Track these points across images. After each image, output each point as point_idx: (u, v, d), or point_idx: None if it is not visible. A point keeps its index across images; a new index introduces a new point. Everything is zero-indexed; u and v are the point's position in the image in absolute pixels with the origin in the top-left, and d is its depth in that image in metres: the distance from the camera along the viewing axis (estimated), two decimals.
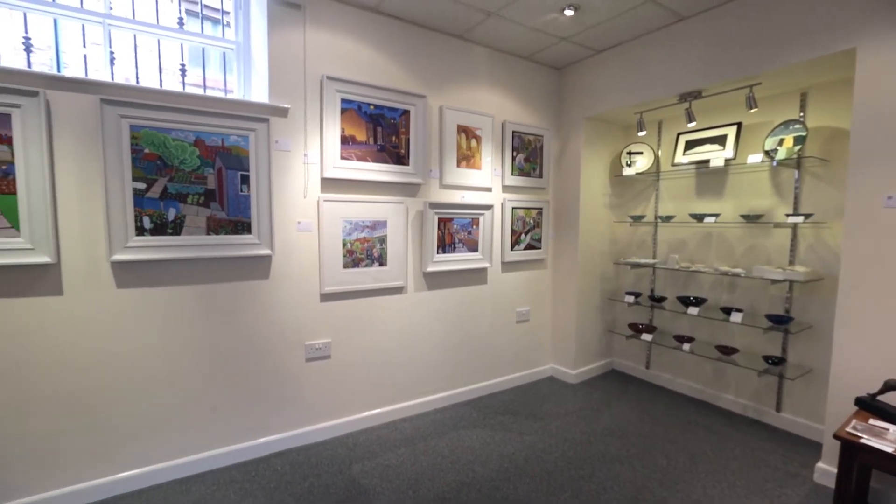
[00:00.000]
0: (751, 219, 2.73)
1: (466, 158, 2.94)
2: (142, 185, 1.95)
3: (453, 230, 2.89)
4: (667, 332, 3.33)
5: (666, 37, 2.73)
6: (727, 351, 2.83)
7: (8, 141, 1.72)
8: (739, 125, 2.82)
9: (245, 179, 2.17)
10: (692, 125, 2.86)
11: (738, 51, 2.40)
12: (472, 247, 3.00)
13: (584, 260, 3.40)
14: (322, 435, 2.52)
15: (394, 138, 2.61)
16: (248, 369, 2.30)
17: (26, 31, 2.01)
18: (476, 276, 3.09)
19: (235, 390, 2.27)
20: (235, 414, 2.28)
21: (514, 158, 3.18)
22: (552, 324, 3.59)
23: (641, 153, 3.38)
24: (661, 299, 3.24)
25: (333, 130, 2.40)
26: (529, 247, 3.34)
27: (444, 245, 2.87)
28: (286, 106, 2.28)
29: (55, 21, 2.07)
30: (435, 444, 2.49)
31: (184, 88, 2.32)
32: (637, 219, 3.36)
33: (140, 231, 1.96)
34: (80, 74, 2.09)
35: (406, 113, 2.64)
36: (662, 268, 3.24)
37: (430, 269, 2.81)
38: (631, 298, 3.34)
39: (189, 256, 2.06)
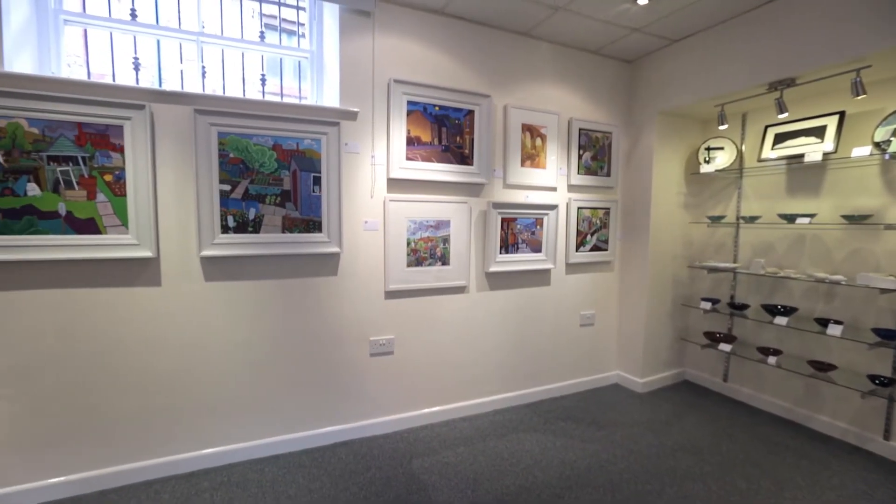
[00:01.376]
0: (855, 220, 2.42)
1: (531, 158, 2.88)
2: (227, 187, 2.12)
3: (517, 230, 2.85)
4: (748, 343, 3.05)
5: (753, 20, 2.50)
6: (823, 367, 2.54)
7: (120, 149, 1.94)
8: (842, 115, 2.52)
9: (317, 181, 2.29)
10: (783, 116, 2.60)
11: (841, 30, 2.14)
12: (536, 247, 2.94)
13: (654, 263, 3.21)
14: (384, 428, 2.60)
15: (458, 138, 2.63)
16: (317, 361, 2.42)
17: (135, 52, 2.26)
18: (539, 278, 3.03)
19: (305, 380, 2.41)
20: (305, 403, 2.41)
21: (580, 157, 3.08)
22: (618, 329, 3.43)
23: (722, 148, 3.13)
24: (743, 307, 2.98)
25: (399, 132, 2.46)
26: (595, 248, 3.21)
27: (507, 245, 2.84)
28: (355, 109, 2.37)
29: (158, 41, 2.31)
30: (494, 446, 2.48)
31: (263, 97, 2.49)
32: (716, 219, 3.12)
33: (225, 229, 2.14)
34: (177, 88, 2.31)
35: (470, 113, 2.64)
36: (745, 273, 2.98)
37: (493, 269, 2.80)
38: (707, 305, 3.11)
39: (266, 253, 2.22)
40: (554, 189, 3.01)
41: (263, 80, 2.50)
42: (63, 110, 1.84)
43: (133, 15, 2.22)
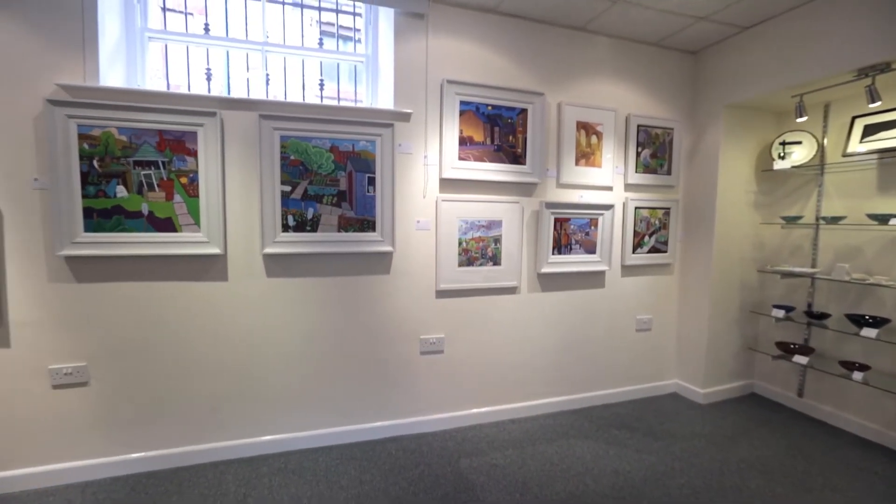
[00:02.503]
0: None
1: (586, 156, 2.80)
2: (287, 188, 2.23)
3: (570, 231, 2.78)
4: (829, 357, 2.79)
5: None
6: None
7: (194, 154, 2.09)
8: None
9: (371, 181, 2.35)
10: (875, 105, 2.34)
11: None
12: (590, 248, 2.85)
13: (719, 266, 3.01)
14: (432, 426, 2.63)
15: (510, 138, 2.60)
16: (369, 357, 2.49)
17: (208, 63, 2.43)
18: (593, 280, 2.93)
19: (358, 375, 2.48)
20: (357, 397, 2.49)
21: (638, 154, 2.94)
22: (678, 335, 3.25)
23: (800, 143, 2.87)
24: (823, 316, 2.72)
25: (452, 132, 2.48)
26: (654, 250, 3.06)
27: (560, 246, 2.77)
28: (409, 111, 2.41)
29: (227, 52, 2.47)
30: (543, 450, 2.43)
31: (321, 101, 2.59)
32: (792, 220, 2.87)
33: (285, 228, 2.25)
34: (244, 95, 2.45)
35: (523, 112, 2.61)
36: (825, 279, 2.72)
37: (545, 270, 2.74)
38: (780, 313, 2.87)
39: (323, 251, 2.31)
40: (610, 188, 2.90)
41: (322, 85, 2.60)
42: (147, 119, 2.02)
43: (206, 29, 2.39)
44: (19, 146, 1.93)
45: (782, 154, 2.91)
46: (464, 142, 2.51)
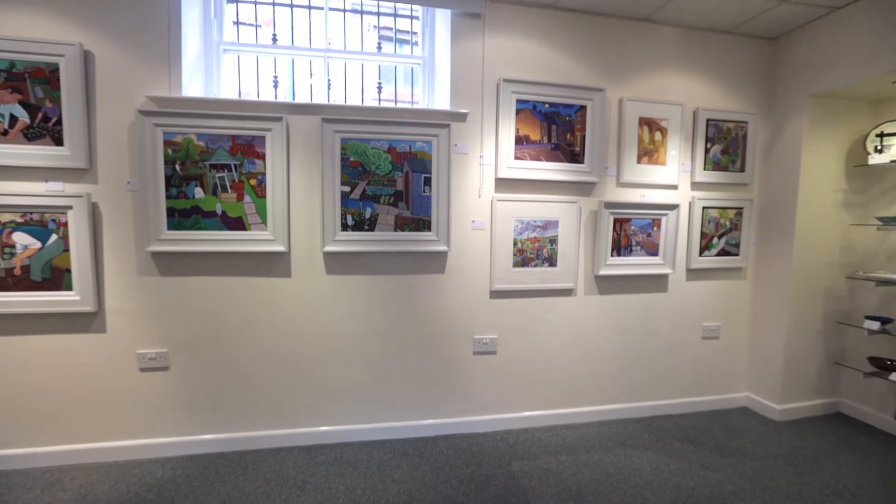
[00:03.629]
0: None
1: (648, 154, 2.66)
2: (347, 188, 2.31)
3: (630, 231, 2.66)
4: None
5: None
6: None
7: (262, 157, 2.22)
8: None
9: (427, 181, 2.38)
10: None
11: None
12: (652, 250, 2.71)
13: (800, 271, 2.75)
14: (484, 427, 2.62)
15: (568, 136, 2.53)
16: (423, 355, 2.52)
17: (275, 71, 2.57)
18: (655, 283, 2.79)
19: (412, 372, 2.52)
20: (411, 394, 2.53)
21: (707, 151, 2.76)
22: (751, 345, 3.01)
23: None
24: None
25: (508, 131, 2.45)
26: (724, 252, 2.85)
27: (620, 247, 2.66)
28: (465, 111, 2.42)
29: (292, 60, 2.60)
30: (599, 459, 2.34)
31: (379, 103, 2.66)
32: (890, 221, 2.56)
33: (344, 227, 2.33)
34: (307, 100, 2.57)
35: (582, 109, 2.53)
36: None
37: (603, 272, 2.64)
38: (875, 325, 2.57)
39: (380, 250, 2.37)
40: (675, 187, 2.74)
41: (380, 88, 2.67)
42: (222, 125, 2.17)
43: (274, 39, 2.53)
44: (117, 153, 2.15)
45: (880, 147, 2.61)
46: (520, 141, 2.47)
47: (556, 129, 2.51)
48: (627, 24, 2.60)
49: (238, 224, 2.24)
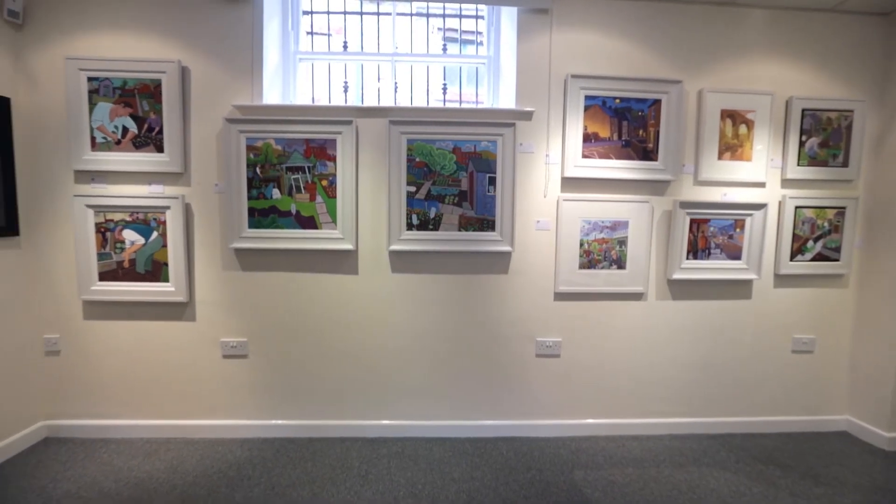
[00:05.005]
0: None
1: (731, 149, 2.46)
2: (412, 189, 2.36)
3: (709, 233, 2.47)
4: None
5: None
6: None
7: (333, 159, 2.33)
8: None
9: (492, 181, 2.37)
10: None
11: None
12: (734, 253, 2.50)
13: None
14: (545, 431, 2.56)
15: (640, 132, 2.40)
16: (485, 355, 2.52)
17: (345, 76, 2.68)
18: (736, 289, 2.57)
19: (474, 371, 2.52)
20: (472, 393, 2.53)
21: (802, 144, 2.49)
22: (852, 362, 2.68)
23: None
24: None
25: (576, 129, 2.37)
26: (820, 257, 2.56)
27: (696, 250, 2.48)
28: (531, 109, 2.38)
29: (361, 65, 2.69)
30: (670, 475, 2.20)
31: (444, 104, 2.69)
32: None
33: (409, 226, 2.38)
34: (375, 103, 2.65)
35: (656, 103, 2.39)
36: None
37: (677, 276, 2.48)
38: None
39: (444, 249, 2.39)
40: (762, 185, 2.51)
41: (444, 89, 2.69)
42: (297, 130, 2.31)
43: (345, 46, 2.64)
44: (207, 158, 2.36)
45: None
46: (588, 138, 2.38)
47: (628, 126, 2.40)
48: (707, 10, 2.42)
49: (310, 223, 2.36)
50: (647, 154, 2.41)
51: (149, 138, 2.30)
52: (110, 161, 2.30)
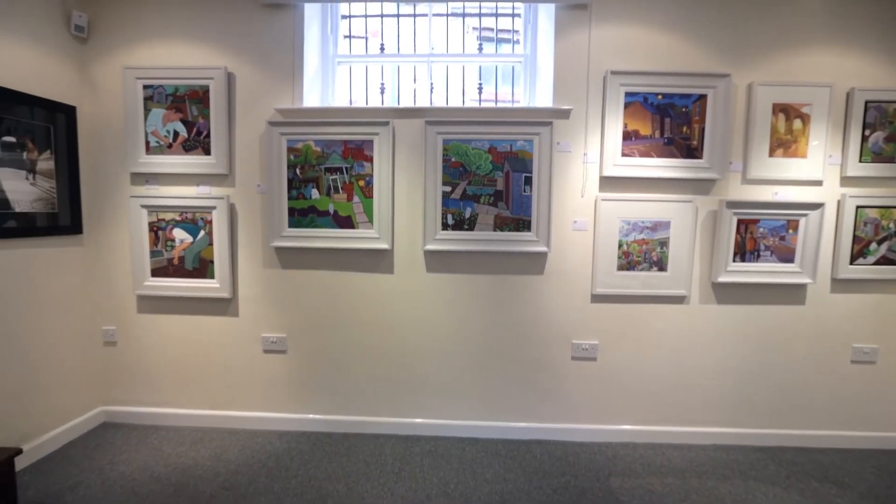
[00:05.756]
0: None
1: (784, 145, 2.32)
2: (448, 188, 2.36)
3: (758, 234, 2.34)
4: None
5: None
6: None
7: (370, 159, 2.37)
8: None
9: (528, 181, 2.34)
10: None
11: None
12: (785, 256, 2.36)
13: None
14: (580, 436, 2.50)
15: (684, 129, 2.31)
16: (519, 356, 2.49)
17: (382, 78, 2.72)
18: (789, 294, 2.42)
19: (508, 373, 2.50)
20: (506, 394, 2.51)
21: (864, 139, 2.32)
22: None
23: None
24: None
25: (615, 127, 2.31)
26: (885, 261, 2.38)
27: (744, 252, 2.36)
28: (568, 107, 2.33)
29: (397, 66, 2.73)
30: (713, 487, 2.10)
31: (480, 104, 2.68)
32: None
33: (444, 226, 2.39)
34: (411, 104, 2.67)
35: (701, 98, 2.29)
36: None
37: (722, 279, 2.37)
38: None
39: (478, 249, 2.39)
40: (818, 183, 2.36)
41: (480, 89, 2.68)
42: (335, 131, 2.36)
43: (381, 48, 2.68)
44: (250, 159, 2.45)
45: None
46: (628, 136, 2.31)
47: (671, 123, 2.31)
48: None
49: (347, 223, 2.41)
50: (692, 152, 2.32)
51: (197, 141, 2.42)
52: (162, 164, 2.44)
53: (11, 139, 2.08)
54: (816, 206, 2.32)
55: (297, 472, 2.17)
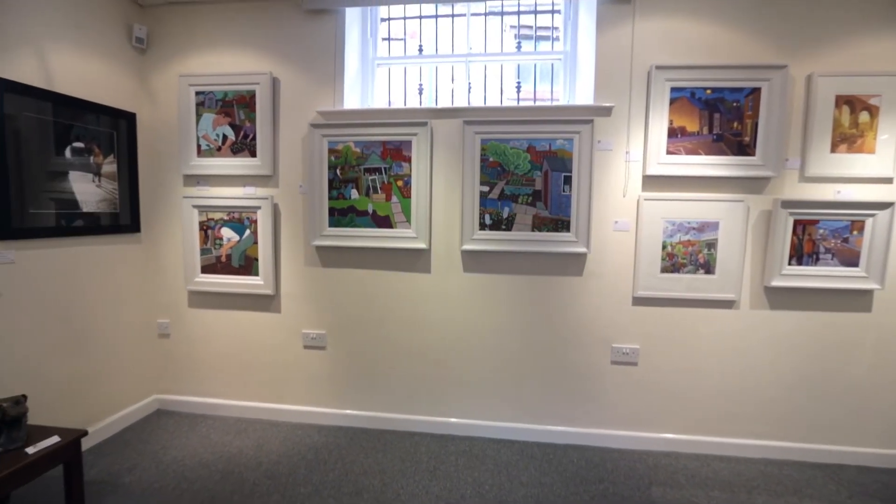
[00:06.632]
0: None
1: (848, 140, 2.16)
2: (486, 188, 2.35)
3: (817, 236, 2.19)
4: None
5: None
6: None
7: (408, 160, 2.40)
8: None
9: (567, 180, 2.29)
10: None
11: None
12: (849, 259, 2.19)
13: None
14: (619, 442, 2.43)
15: (735, 124, 2.19)
16: (557, 358, 2.45)
17: (420, 79, 2.74)
18: (852, 300, 2.25)
19: (545, 375, 2.47)
20: (542, 397, 2.48)
21: None
22: None
23: None
24: None
25: (660, 124, 2.23)
26: None
27: (801, 254, 2.21)
28: (610, 105, 2.27)
29: (435, 67, 2.74)
30: (765, 503, 1.99)
31: (518, 102, 2.65)
32: None
33: (482, 226, 2.38)
34: (449, 104, 2.68)
35: (755, 92, 2.16)
36: None
37: (777, 283, 2.23)
38: None
39: (516, 250, 2.36)
40: (888, 181, 2.17)
41: (518, 88, 2.66)
42: (375, 133, 2.40)
43: (420, 50, 2.70)
44: (293, 161, 2.54)
45: None
46: (674, 133, 2.22)
47: (720, 118, 2.20)
48: None
49: (386, 222, 2.45)
50: (743, 148, 2.20)
51: (244, 144, 2.52)
52: (212, 166, 2.56)
53: (80, 145, 2.25)
54: (886, 205, 2.14)
55: (334, 465, 2.23)
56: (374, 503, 1.96)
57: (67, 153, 2.19)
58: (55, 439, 1.74)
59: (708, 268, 2.27)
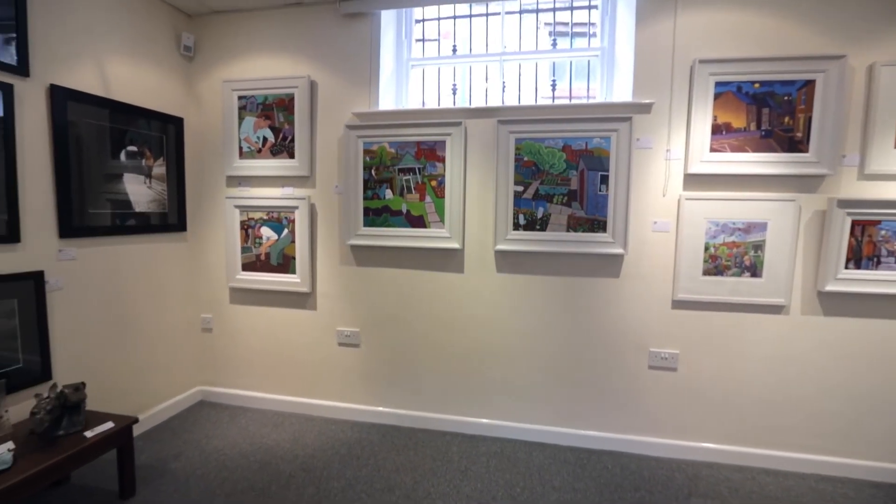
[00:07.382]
0: None
1: None
2: (520, 188, 2.33)
3: (878, 238, 2.04)
4: None
5: None
6: None
7: (442, 160, 2.40)
8: None
9: (604, 179, 2.24)
10: None
11: None
12: None
13: None
14: (656, 450, 2.35)
15: (786, 119, 2.07)
16: (591, 362, 2.40)
17: (454, 79, 2.75)
18: None
19: (579, 378, 2.42)
20: (576, 400, 2.43)
21: None
22: None
23: None
24: None
25: (703, 120, 2.14)
26: None
27: (859, 257, 2.07)
28: (649, 101, 2.20)
29: (469, 67, 2.74)
30: None
31: (553, 101, 2.61)
32: None
33: (516, 226, 2.36)
34: (483, 104, 2.67)
35: (808, 84, 2.04)
36: None
37: (832, 287, 2.09)
38: None
39: (550, 250, 2.33)
40: None
41: (553, 86, 2.62)
42: (409, 133, 2.42)
43: (454, 50, 2.70)
44: (329, 161, 2.59)
45: None
46: (718, 130, 2.13)
47: (769, 113, 2.09)
48: None
49: (419, 222, 2.46)
50: (794, 145, 2.08)
51: (283, 146, 2.61)
52: (253, 167, 2.66)
53: (134, 148, 2.39)
54: None
55: (367, 461, 2.26)
56: (405, 500, 1.98)
57: (122, 156, 2.33)
58: (109, 425, 1.86)
59: (754, 271, 2.16)
